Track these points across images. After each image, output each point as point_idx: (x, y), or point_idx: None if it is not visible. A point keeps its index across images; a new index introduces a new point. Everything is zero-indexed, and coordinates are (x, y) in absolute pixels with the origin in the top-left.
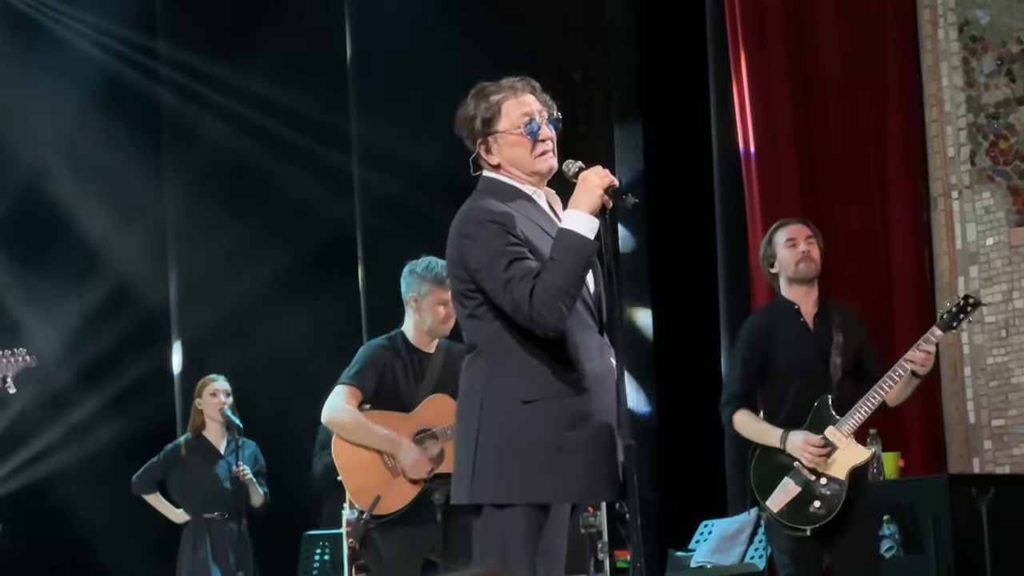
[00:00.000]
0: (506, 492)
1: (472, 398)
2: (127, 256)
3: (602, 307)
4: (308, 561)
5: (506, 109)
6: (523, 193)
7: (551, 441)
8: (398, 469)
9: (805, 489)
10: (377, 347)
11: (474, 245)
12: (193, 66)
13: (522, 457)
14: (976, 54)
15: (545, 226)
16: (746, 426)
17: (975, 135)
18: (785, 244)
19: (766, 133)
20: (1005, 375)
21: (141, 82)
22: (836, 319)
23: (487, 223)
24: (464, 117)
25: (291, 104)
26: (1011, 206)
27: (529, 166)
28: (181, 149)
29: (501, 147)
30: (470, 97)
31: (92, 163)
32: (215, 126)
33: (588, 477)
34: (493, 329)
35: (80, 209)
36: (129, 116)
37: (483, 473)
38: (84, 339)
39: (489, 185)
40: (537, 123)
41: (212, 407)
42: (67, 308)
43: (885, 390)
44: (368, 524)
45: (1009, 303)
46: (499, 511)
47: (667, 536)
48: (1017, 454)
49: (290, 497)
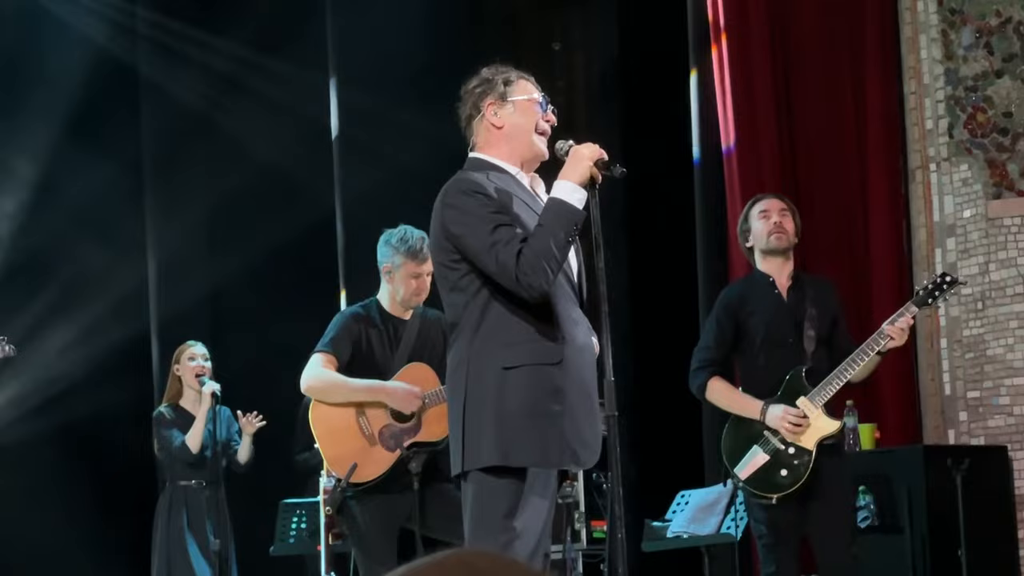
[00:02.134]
0: (490, 456)
1: (458, 370)
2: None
3: (583, 284)
4: (285, 529)
5: (523, 85)
6: (508, 172)
7: (531, 407)
8: (375, 437)
9: (773, 458)
10: (351, 315)
11: (458, 213)
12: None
13: (504, 422)
14: (955, 27)
15: (531, 204)
16: (722, 395)
17: (953, 108)
18: (759, 216)
19: (745, 105)
20: (981, 347)
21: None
22: (810, 291)
23: (472, 193)
24: (478, 80)
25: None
26: (988, 179)
27: (527, 139)
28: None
29: (512, 112)
30: (485, 69)
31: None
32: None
33: (569, 444)
34: (478, 300)
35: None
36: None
37: (470, 439)
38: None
39: (476, 163)
40: (546, 104)
41: (189, 373)
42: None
43: (857, 363)
44: (345, 492)
45: (986, 275)
46: (483, 475)
47: (644, 506)
48: (992, 426)
49: (267, 465)
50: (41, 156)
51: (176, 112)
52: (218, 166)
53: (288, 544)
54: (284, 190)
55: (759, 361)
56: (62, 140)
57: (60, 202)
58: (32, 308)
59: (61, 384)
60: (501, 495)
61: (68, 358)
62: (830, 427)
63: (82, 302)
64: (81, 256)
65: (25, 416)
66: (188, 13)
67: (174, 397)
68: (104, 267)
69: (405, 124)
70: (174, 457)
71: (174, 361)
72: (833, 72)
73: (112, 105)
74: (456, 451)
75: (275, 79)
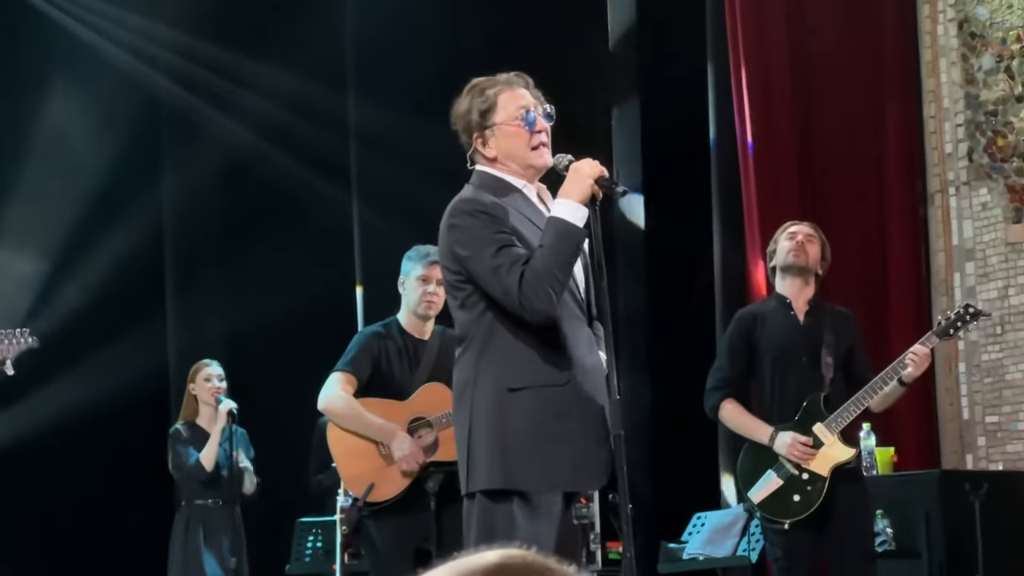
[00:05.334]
0: (493, 479)
1: (464, 390)
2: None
3: (590, 299)
4: (301, 548)
5: (502, 102)
6: (514, 187)
7: (537, 429)
8: (392, 457)
9: (787, 483)
10: (372, 334)
11: (462, 234)
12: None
13: (508, 444)
14: (975, 51)
15: (535, 219)
16: (733, 418)
17: (973, 132)
18: (786, 236)
19: (764, 127)
20: (1000, 372)
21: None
22: (828, 318)
23: (476, 213)
24: (460, 112)
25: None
26: (1008, 203)
27: (525, 158)
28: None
29: (498, 139)
30: (464, 93)
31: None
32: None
33: (574, 466)
34: (483, 319)
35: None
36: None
37: (474, 461)
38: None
39: (481, 179)
40: (533, 114)
41: (205, 392)
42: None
43: (876, 391)
44: (362, 511)
45: (1005, 300)
46: (488, 499)
47: (660, 528)
48: (1011, 451)
49: (283, 484)
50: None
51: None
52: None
53: (304, 563)
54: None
55: (772, 383)
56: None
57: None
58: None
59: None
60: (504, 517)
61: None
62: (845, 455)
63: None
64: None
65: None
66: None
67: (190, 415)
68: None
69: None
70: (188, 475)
71: (189, 379)
72: (852, 96)
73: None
74: (462, 470)
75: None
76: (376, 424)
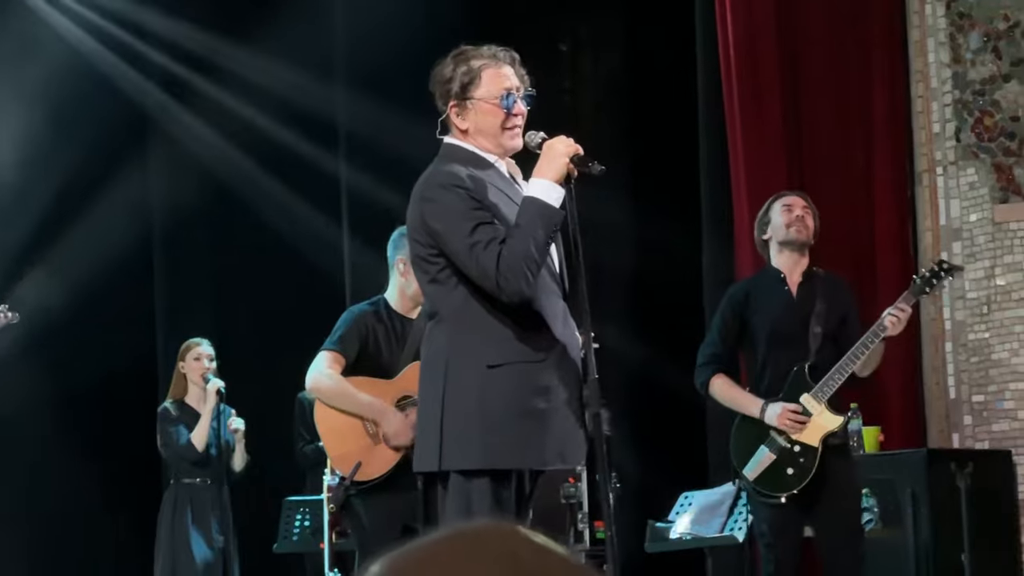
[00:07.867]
0: (472, 458)
1: (436, 364)
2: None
3: (563, 272)
4: (288, 527)
5: (486, 77)
6: (485, 160)
7: (517, 407)
8: (380, 435)
9: (780, 456)
10: (360, 312)
11: (437, 208)
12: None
13: (488, 423)
14: (963, 30)
15: (509, 193)
16: (724, 393)
17: (960, 111)
18: (782, 210)
19: (753, 105)
20: (986, 351)
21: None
22: (821, 287)
23: (450, 187)
24: (441, 77)
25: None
26: (995, 183)
27: (497, 138)
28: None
29: (474, 114)
30: (450, 58)
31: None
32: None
33: (555, 443)
34: (457, 294)
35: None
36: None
37: (450, 440)
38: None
39: (451, 151)
40: (514, 97)
41: (195, 371)
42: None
43: (858, 357)
44: (349, 490)
45: (991, 279)
46: (465, 478)
47: (647, 507)
48: (996, 430)
49: (270, 463)
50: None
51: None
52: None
53: (291, 542)
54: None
55: (764, 358)
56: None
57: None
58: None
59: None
60: (483, 497)
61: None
62: (833, 423)
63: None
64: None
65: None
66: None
67: (179, 393)
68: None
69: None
70: (178, 454)
71: (179, 358)
72: (840, 75)
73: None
74: (429, 448)
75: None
76: (365, 402)
